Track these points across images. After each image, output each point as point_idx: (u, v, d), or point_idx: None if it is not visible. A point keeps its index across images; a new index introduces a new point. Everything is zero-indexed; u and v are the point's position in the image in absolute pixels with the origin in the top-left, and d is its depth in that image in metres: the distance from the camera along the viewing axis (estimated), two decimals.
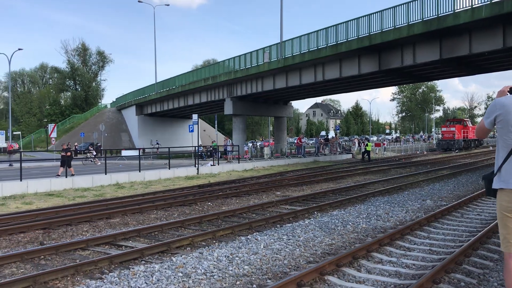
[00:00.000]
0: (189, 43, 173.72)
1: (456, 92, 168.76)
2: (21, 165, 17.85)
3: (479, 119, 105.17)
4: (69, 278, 6.39)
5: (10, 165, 29.59)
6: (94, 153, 35.39)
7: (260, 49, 34.76)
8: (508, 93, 3.57)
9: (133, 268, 6.47)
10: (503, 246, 3.60)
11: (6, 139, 45.40)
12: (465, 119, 55.97)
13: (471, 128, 49.45)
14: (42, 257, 7.56)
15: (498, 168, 3.53)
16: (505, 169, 3.47)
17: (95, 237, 8.65)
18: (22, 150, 37.26)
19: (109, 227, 10.30)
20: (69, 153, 20.16)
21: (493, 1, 19.22)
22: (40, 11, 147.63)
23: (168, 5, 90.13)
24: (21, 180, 17.04)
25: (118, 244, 8.46)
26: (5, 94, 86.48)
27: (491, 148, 50.97)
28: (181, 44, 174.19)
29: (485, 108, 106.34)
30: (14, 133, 59.07)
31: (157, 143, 50.78)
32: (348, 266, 6.49)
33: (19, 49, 51.03)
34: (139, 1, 57.20)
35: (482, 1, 19.65)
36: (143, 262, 7.17)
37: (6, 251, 8.01)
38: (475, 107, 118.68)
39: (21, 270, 6.89)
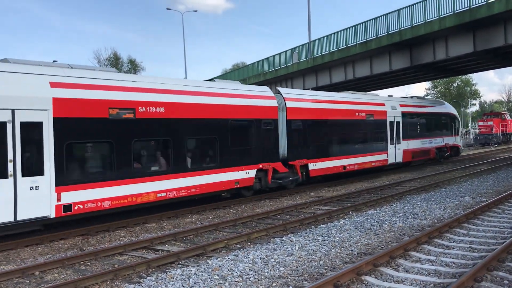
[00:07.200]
0: (218, 47, 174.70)
1: (492, 85, 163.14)
2: None
3: None
4: (108, 282, 6.53)
5: None
6: None
7: (288, 50, 34.68)
8: None
9: (170, 272, 6.55)
10: None
11: None
12: (503, 112, 54.17)
13: (510, 121, 47.83)
14: (82, 262, 7.75)
15: None
16: None
17: (132, 242, 8.81)
18: None
19: (146, 231, 10.48)
20: None
21: None
22: (72, 23, 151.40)
23: (196, 11, 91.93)
24: None
25: (154, 249, 8.59)
26: None
27: None
28: (209, 49, 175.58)
29: None
30: None
31: None
32: (386, 265, 6.38)
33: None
34: (167, 9, 58.18)
35: None
36: (179, 265, 7.26)
37: (47, 258, 8.25)
38: None
39: (63, 276, 7.09)
